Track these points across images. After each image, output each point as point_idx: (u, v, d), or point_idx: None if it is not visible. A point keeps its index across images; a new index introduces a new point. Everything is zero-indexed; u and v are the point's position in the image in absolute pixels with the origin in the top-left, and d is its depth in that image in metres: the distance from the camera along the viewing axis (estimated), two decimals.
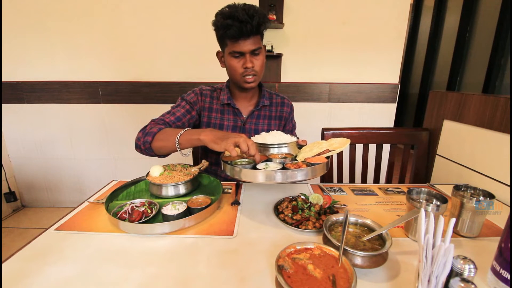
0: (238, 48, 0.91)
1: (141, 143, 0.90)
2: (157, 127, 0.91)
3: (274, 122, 1.13)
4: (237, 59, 0.95)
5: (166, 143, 0.87)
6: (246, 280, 0.52)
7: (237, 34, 0.88)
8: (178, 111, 1.02)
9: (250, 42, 0.91)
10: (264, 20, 0.90)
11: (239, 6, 0.88)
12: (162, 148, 0.89)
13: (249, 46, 0.91)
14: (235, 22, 0.86)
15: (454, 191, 0.67)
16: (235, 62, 0.95)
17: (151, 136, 0.89)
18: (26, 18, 1.99)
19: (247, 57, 0.93)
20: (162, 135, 0.89)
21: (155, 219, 0.71)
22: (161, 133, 0.89)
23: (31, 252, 0.60)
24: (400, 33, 2.14)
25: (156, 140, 0.89)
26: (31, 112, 2.16)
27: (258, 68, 0.97)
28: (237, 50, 0.92)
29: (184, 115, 1.02)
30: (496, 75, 2.59)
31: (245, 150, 0.71)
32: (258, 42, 0.94)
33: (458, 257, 0.43)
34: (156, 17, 2.03)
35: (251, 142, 0.72)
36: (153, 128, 0.91)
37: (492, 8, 2.64)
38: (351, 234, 0.61)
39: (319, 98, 2.25)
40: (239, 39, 0.89)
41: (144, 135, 0.90)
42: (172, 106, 1.04)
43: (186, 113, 1.03)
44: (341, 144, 0.81)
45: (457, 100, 1.12)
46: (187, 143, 0.83)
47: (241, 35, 0.88)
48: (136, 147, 0.94)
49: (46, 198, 2.38)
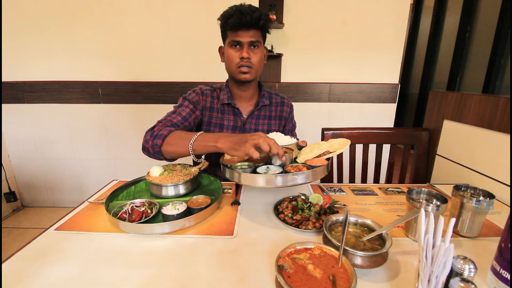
0: (236, 37, 0.93)
1: (149, 146, 0.86)
2: (167, 129, 0.87)
3: (274, 122, 1.13)
4: (235, 49, 0.96)
5: (178, 148, 0.83)
6: (246, 280, 0.52)
7: (237, 24, 0.90)
8: (183, 110, 1.00)
9: (249, 34, 0.93)
10: (266, 17, 0.93)
11: (246, 4, 0.93)
12: (173, 153, 0.85)
13: (248, 37, 0.93)
14: (237, 13, 0.90)
15: (454, 191, 0.67)
16: (232, 52, 0.96)
17: (161, 139, 0.84)
18: (26, 18, 1.99)
19: (245, 48, 0.95)
20: (173, 139, 0.84)
21: (155, 219, 0.71)
22: (172, 136, 0.85)
23: (31, 252, 0.60)
24: (400, 33, 2.14)
25: (166, 144, 0.84)
26: (31, 112, 2.16)
27: (255, 61, 0.98)
28: (236, 39, 0.94)
29: (189, 115, 1.01)
30: (496, 75, 2.59)
31: (267, 150, 0.67)
32: (258, 36, 0.96)
33: (458, 257, 0.43)
34: (156, 17, 2.03)
35: (272, 140, 0.68)
36: (162, 130, 0.87)
37: (492, 8, 2.64)
38: (351, 234, 0.61)
39: (319, 98, 2.25)
40: (238, 29, 0.92)
41: (153, 138, 0.85)
42: (175, 106, 1.03)
43: (191, 112, 1.02)
44: (341, 145, 0.81)
45: (457, 100, 1.12)
46: (202, 149, 0.79)
47: (240, 25, 0.91)
48: (143, 150, 0.89)
49: (46, 198, 2.38)
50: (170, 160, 0.92)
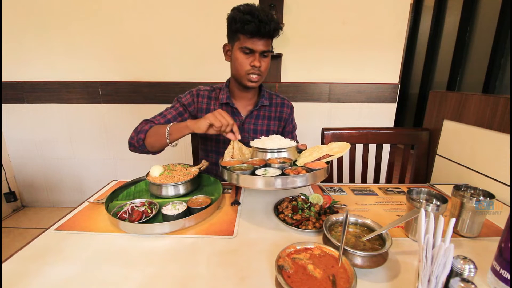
0: (251, 45, 0.92)
1: (135, 141, 0.96)
2: (149, 125, 0.97)
3: (273, 122, 1.13)
4: (247, 55, 0.95)
5: (157, 137, 0.92)
6: (246, 280, 0.52)
7: (255, 32, 0.89)
8: (169, 113, 1.04)
9: (263, 42, 0.93)
10: (280, 27, 0.93)
11: (258, 6, 0.91)
12: (154, 142, 0.94)
13: (262, 46, 0.93)
14: (255, 20, 0.87)
15: (454, 191, 0.67)
16: (243, 58, 0.96)
17: (143, 133, 0.95)
18: (26, 18, 1.99)
19: (257, 56, 0.94)
20: (153, 130, 0.95)
21: (155, 219, 0.71)
22: (152, 129, 0.95)
23: (31, 252, 0.60)
24: (400, 33, 2.14)
25: (148, 136, 0.94)
26: (31, 112, 2.16)
27: (264, 69, 0.98)
28: (249, 47, 0.93)
29: (175, 118, 1.04)
30: (496, 75, 2.59)
31: (218, 126, 0.80)
32: (269, 45, 0.96)
33: (458, 257, 0.43)
34: (156, 17, 2.03)
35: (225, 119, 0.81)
36: (144, 126, 0.97)
37: (492, 8, 2.64)
38: (351, 234, 0.61)
39: (319, 98, 2.25)
40: (254, 37, 0.91)
41: (137, 134, 0.96)
42: (166, 108, 1.06)
43: (178, 115, 1.05)
44: (341, 149, 0.81)
45: (457, 100, 1.12)
46: (176, 132, 0.88)
47: (257, 34, 0.90)
48: (129, 146, 0.99)
49: (46, 198, 2.38)
50: (154, 153, 1.00)
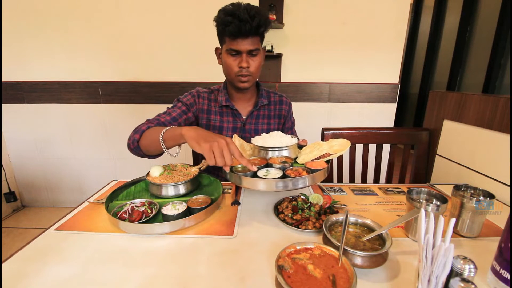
0: (235, 46, 0.90)
1: (130, 142, 0.88)
2: (147, 125, 0.88)
3: (273, 121, 1.13)
4: (234, 57, 0.94)
5: (152, 142, 0.82)
6: (246, 280, 0.52)
7: (236, 32, 0.87)
8: (174, 111, 1.01)
9: (248, 42, 0.90)
10: (265, 22, 0.89)
11: (242, 5, 0.88)
12: (149, 146, 0.85)
13: (247, 46, 0.90)
14: (235, 20, 0.85)
15: (454, 191, 0.67)
16: (231, 60, 0.94)
17: (139, 134, 0.86)
18: (26, 18, 1.99)
19: (244, 57, 0.92)
20: (149, 132, 0.85)
21: (155, 219, 0.71)
22: (149, 131, 0.86)
23: (31, 252, 0.60)
24: (400, 33, 2.14)
25: (143, 138, 0.85)
26: (31, 112, 2.16)
27: (254, 70, 0.96)
28: (234, 48, 0.91)
29: (180, 115, 1.01)
30: (496, 75, 2.59)
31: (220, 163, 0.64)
32: (257, 43, 0.92)
33: (458, 257, 0.43)
34: (156, 17, 2.03)
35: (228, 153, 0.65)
36: (142, 126, 0.88)
37: (492, 8, 2.64)
38: (351, 234, 0.61)
39: (319, 98, 2.25)
40: (237, 38, 0.89)
41: (134, 133, 0.87)
42: (168, 107, 1.04)
43: (182, 113, 1.02)
44: (342, 147, 0.81)
45: (457, 100, 1.12)
46: (170, 140, 0.77)
47: (239, 34, 0.87)
48: (127, 147, 0.91)
49: (46, 198, 2.38)
50: (151, 157, 0.91)
